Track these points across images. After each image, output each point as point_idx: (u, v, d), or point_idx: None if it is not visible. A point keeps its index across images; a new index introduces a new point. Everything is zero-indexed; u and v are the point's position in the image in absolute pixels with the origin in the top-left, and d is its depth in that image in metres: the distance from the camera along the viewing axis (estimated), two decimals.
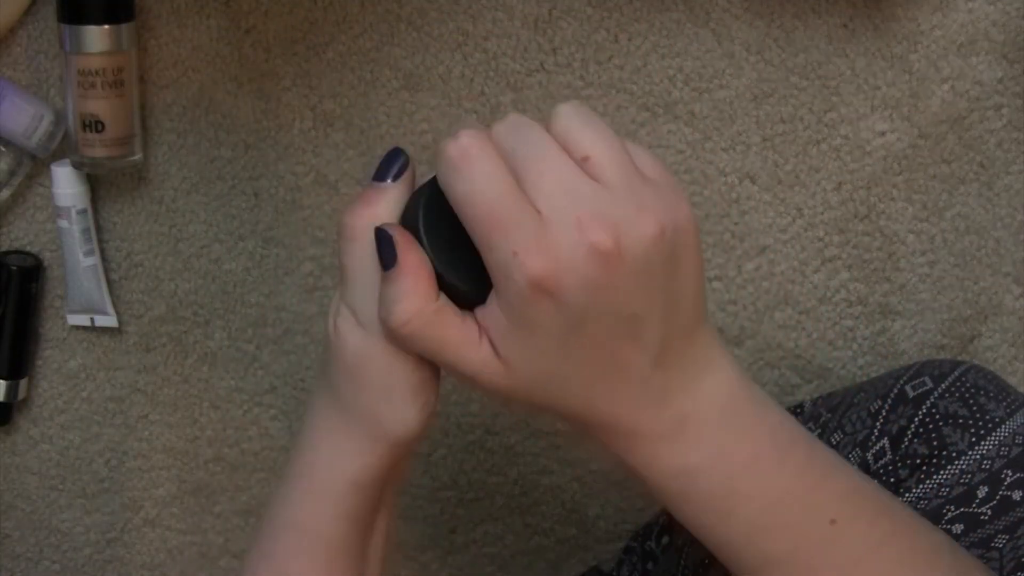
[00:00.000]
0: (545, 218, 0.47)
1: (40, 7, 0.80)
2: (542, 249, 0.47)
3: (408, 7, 0.81)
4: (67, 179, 0.82)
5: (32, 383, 0.90)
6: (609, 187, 0.48)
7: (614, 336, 0.49)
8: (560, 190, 0.47)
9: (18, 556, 0.95)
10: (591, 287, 0.47)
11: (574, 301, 0.47)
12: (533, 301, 0.47)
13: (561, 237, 0.47)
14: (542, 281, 0.47)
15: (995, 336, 0.87)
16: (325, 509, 0.58)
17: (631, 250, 0.47)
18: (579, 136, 0.49)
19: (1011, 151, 0.83)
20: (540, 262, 0.47)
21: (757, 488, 0.53)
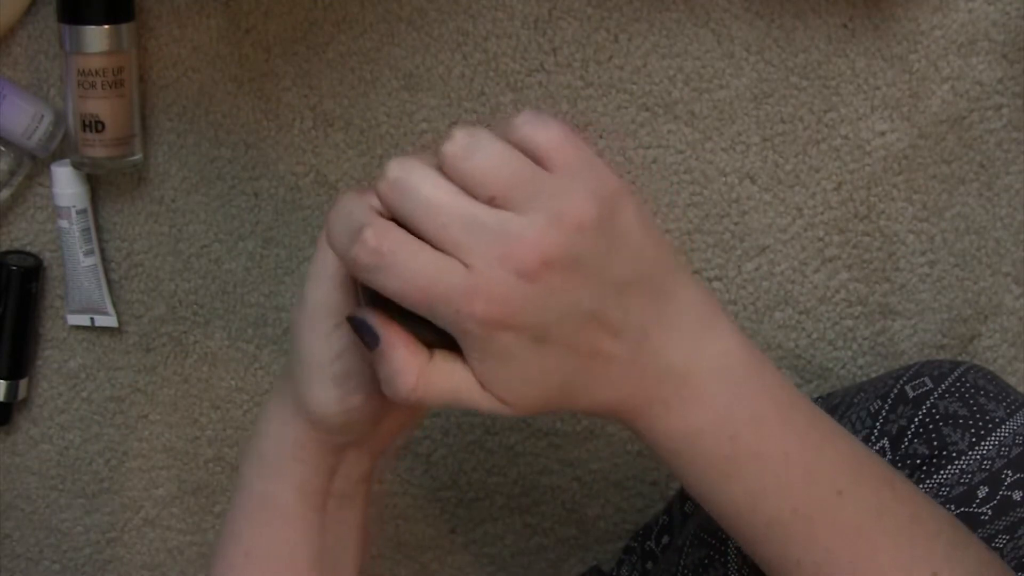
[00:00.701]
0: (470, 267, 0.48)
1: (40, 7, 0.80)
2: (478, 295, 0.48)
3: (408, 7, 0.81)
4: (67, 179, 0.82)
5: (32, 383, 0.90)
6: (517, 207, 0.48)
7: (583, 336, 0.50)
8: (468, 237, 0.48)
9: (18, 556, 0.95)
10: (535, 304, 0.49)
11: (527, 321, 0.49)
12: (492, 339, 0.49)
13: (489, 277, 0.48)
14: (490, 318, 0.48)
15: (995, 336, 0.87)
16: (268, 473, 0.60)
17: (557, 258, 0.48)
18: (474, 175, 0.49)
19: (1011, 151, 0.83)
20: (481, 306, 0.48)
21: (760, 449, 0.54)
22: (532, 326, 0.49)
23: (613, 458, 0.91)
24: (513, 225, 0.48)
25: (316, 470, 0.59)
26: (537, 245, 0.48)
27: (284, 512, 0.60)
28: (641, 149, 0.84)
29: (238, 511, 0.61)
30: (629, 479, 0.91)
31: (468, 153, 0.49)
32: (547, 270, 0.48)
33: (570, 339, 0.50)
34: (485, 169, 0.49)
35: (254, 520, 0.61)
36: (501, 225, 0.48)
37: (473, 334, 0.49)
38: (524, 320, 0.49)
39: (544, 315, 0.49)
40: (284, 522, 0.60)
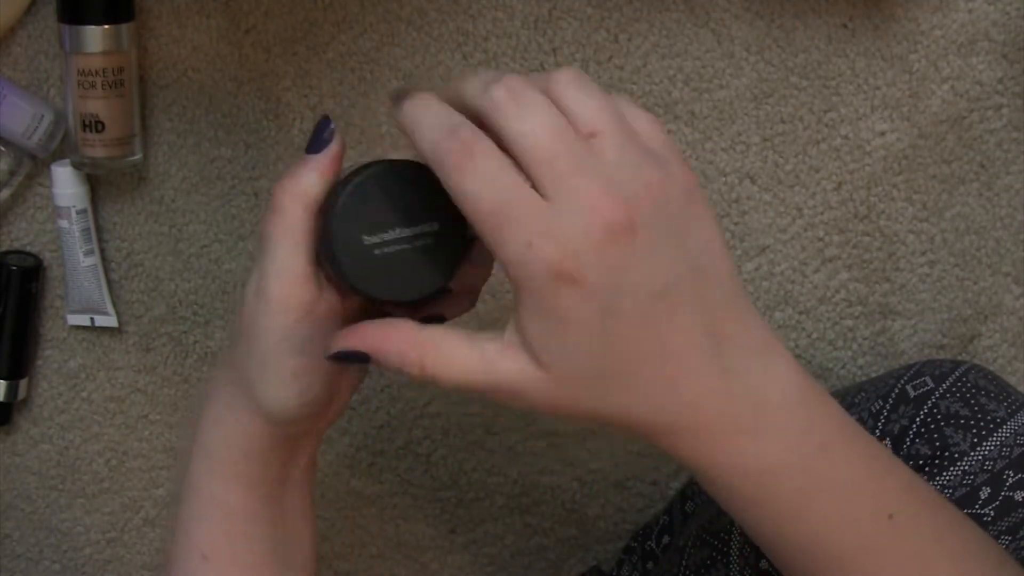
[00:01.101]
0: (554, 203, 0.46)
1: (40, 7, 0.80)
2: (556, 236, 0.45)
3: (408, 7, 0.81)
4: (67, 179, 0.82)
5: (32, 383, 0.90)
6: (614, 161, 0.47)
7: (651, 316, 0.47)
8: (566, 171, 0.46)
9: (18, 556, 0.95)
10: (612, 266, 0.46)
11: (599, 283, 0.46)
12: (557, 292, 0.46)
13: (573, 220, 0.45)
14: (562, 268, 0.45)
15: (995, 336, 0.87)
16: (216, 471, 0.58)
17: (644, 222, 0.46)
18: (582, 110, 0.47)
19: (1011, 151, 0.83)
20: (556, 249, 0.45)
21: (830, 481, 0.51)
22: (602, 290, 0.46)
23: (613, 458, 0.91)
24: (611, 177, 0.46)
25: (269, 464, 0.58)
26: (631, 202, 0.46)
27: (239, 510, 0.59)
28: None
29: (191, 514, 0.60)
30: (629, 479, 0.91)
31: (580, 84, 0.48)
32: (632, 233, 0.46)
33: (638, 318, 0.47)
34: (594, 104, 0.47)
35: (209, 522, 0.59)
36: (601, 170, 0.46)
37: (536, 282, 0.46)
38: (595, 280, 0.46)
39: (617, 281, 0.46)
40: (239, 520, 0.59)
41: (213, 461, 0.58)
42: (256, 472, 0.58)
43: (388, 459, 0.92)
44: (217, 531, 0.59)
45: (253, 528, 0.59)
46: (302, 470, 0.61)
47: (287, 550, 0.61)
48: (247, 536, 0.59)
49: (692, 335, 0.48)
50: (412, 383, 0.50)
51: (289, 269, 0.53)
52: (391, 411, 0.90)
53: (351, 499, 0.93)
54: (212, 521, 0.59)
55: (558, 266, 0.45)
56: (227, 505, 0.59)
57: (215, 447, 0.58)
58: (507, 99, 0.47)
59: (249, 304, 0.54)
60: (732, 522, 0.71)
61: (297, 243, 0.53)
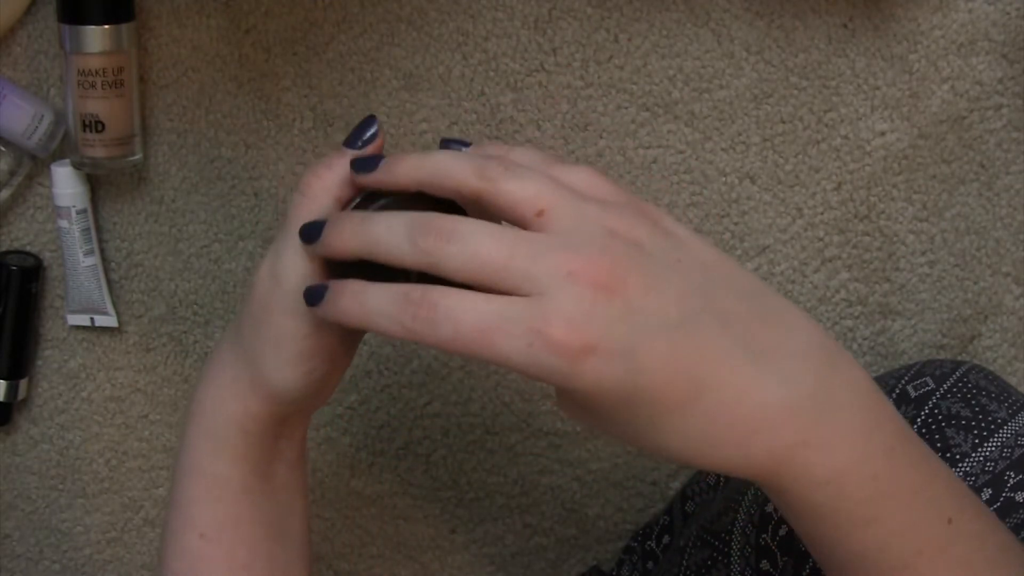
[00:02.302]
0: (532, 294, 0.45)
1: (40, 7, 0.80)
2: (551, 319, 0.45)
3: (408, 7, 0.81)
4: (67, 179, 0.82)
5: (32, 383, 0.90)
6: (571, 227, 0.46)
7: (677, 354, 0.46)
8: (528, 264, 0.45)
9: (18, 556, 0.95)
10: (617, 321, 0.45)
11: (613, 343, 0.45)
12: (579, 371, 0.45)
13: (559, 297, 0.45)
14: (571, 346, 0.45)
15: (995, 336, 0.87)
16: (217, 450, 0.59)
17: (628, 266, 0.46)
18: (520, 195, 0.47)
19: (1011, 151, 0.83)
20: (559, 330, 0.45)
21: (895, 487, 0.50)
22: (619, 349, 0.45)
23: (613, 458, 0.91)
24: (575, 237, 0.46)
25: (266, 442, 0.59)
26: (606, 253, 0.45)
27: (237, 489, 0.60)
28: (641, 149, 0.84)
29: (188, 494, 0.60)
30: (629, 479, 0.91)
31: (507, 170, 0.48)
32: (621, 280, 0.45)
33: (665, 361, 0.46)
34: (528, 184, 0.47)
35: (207, 501, 0.60)
36: (560, 243, 0.46)
37: (556, 369, 0.45)
38: (608, 343, 0.45)
39: (628, 333, 0.45)
40: (237, 499, 0.60)
41: (215, 441, 0.59)
42: (256, 450, 0.59)
43: (388, 459, 0.92)
44: (215, 509, 0.60)
45: (250, 505, 0.60)
46: (296, 447, 0.62)
47: (283, 525, 0.62)
48: (244, 513, 0.60)
49: (728, 357, 0.47)
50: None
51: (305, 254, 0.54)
52: (391, 411, 0.90)
53: (351, 499, 0.93)
54: (212, 500, 0.60)
55: (569, 343, 0.44)
56: (226, 482, 0.59)
57: (217, 427, 0.59)
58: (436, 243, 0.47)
59: (262, 284, 0.55)
60: (733, 522, 0.71)
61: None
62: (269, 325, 0.55)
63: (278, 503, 0.62)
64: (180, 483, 0.61)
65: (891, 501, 0.50)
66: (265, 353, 0.56)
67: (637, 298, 0.45)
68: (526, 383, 0.89)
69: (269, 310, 0.55)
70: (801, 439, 0.48)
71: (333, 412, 0.90)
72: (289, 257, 0.54)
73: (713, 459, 0.48)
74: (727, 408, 0.47)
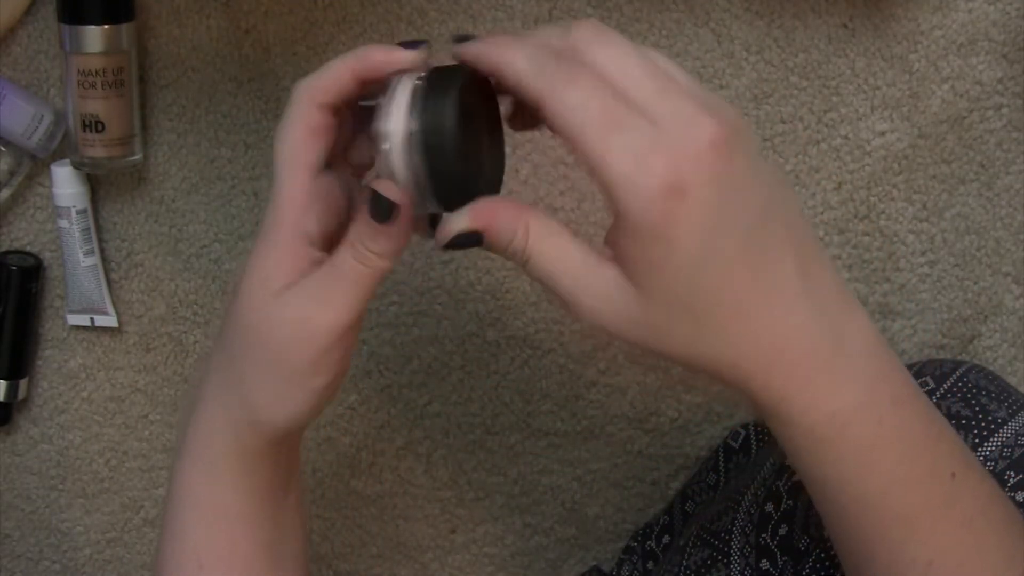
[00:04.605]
0: (656, 120, 0.46)
1: (40, 7, 0.80)
2: (663, 149, 0.45)
3: (408, 7, 0.81)
4: (67, 179, 0.82)
5: (32, 383, 0.90)
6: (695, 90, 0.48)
7: (750, 245, 0.47)
8: (661, 93, 0.46)
9: (18, 556, 0.95)
10: (717, 180, 0.45)
11: (706, 198, 0.45)
12: (665, 207, 0.45)
13: (679, 133, 0.45)
14: (672, 181, 0.45)
15: (995, 336, 0.87)
16: (224, 482, 0.58)
17: (735, 146, 0.46)
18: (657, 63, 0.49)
19: (1011, 151, 0.83)
20: (665, 162, 0.45)
21: (899, 435, 0.51)
22: (708, 206, 0.45)
23: (613, 458, 0.91)
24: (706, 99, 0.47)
25: (266, 468, 0.58)
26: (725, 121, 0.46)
27: (237, 515, 0.58)
28: None
29: (186, 521, 0.59)
30: (629, 479, 0.91)
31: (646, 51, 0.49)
32: (731, 149, 0.45)
33: (740, 238, 0.46)
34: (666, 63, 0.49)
35: (206, 528, 0.59)
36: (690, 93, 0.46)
37: (644, 198, 0.45)
38: (702, 194, 0.45)
39: (721, 198, 0.46)
40: (237, 525, 0.58)
41: (213, 470, 0.58)
42: (259, 477, 0.58)
43: (388, 459, 0.92)
44: (215, 536, 0.59)
45: (250, 530, 0.59)
46: (292, 464, 0.61)
47: (281, 547, 0.61)
48: (245, 539, 0.59)
49: (786, 270, 0.48)
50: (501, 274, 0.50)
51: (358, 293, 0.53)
52: (391, 411, 0.90)
53: (351, 499, 0.93)
54: (209, 526, 0.59)
55: (667, 179, 0.45)
56: (225, 509, 0.58)
57: (215, 458, 0.58)
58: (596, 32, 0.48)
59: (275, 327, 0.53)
60: (732, 522, 0.71)
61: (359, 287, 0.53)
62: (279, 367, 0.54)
63: (277, 525, 0.60)
64: (178, 507, 0.59)
65: (894, 448, 0.51)
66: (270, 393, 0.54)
67: (736, 174, 0.46)
68: (526, 383, 0.89)
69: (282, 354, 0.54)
70: (815, 374, 0.49)
71: (333, 412, 0.90)
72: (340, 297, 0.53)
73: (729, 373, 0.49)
74: (761, 317, 0.48)
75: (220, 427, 0.57)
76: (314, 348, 0.53)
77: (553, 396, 0.89)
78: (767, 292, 0.48)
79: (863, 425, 0.50)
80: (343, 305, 0.53)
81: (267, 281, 0.53)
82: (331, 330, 0.53)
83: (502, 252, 0.50)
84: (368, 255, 0.52)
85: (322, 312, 0.53)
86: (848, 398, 0.50)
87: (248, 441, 0.56)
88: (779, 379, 0.49)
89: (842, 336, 0.50)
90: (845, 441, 0.50)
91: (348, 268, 0.52)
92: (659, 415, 0.89)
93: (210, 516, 0.58)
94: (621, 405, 0.89)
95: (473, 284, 0.87)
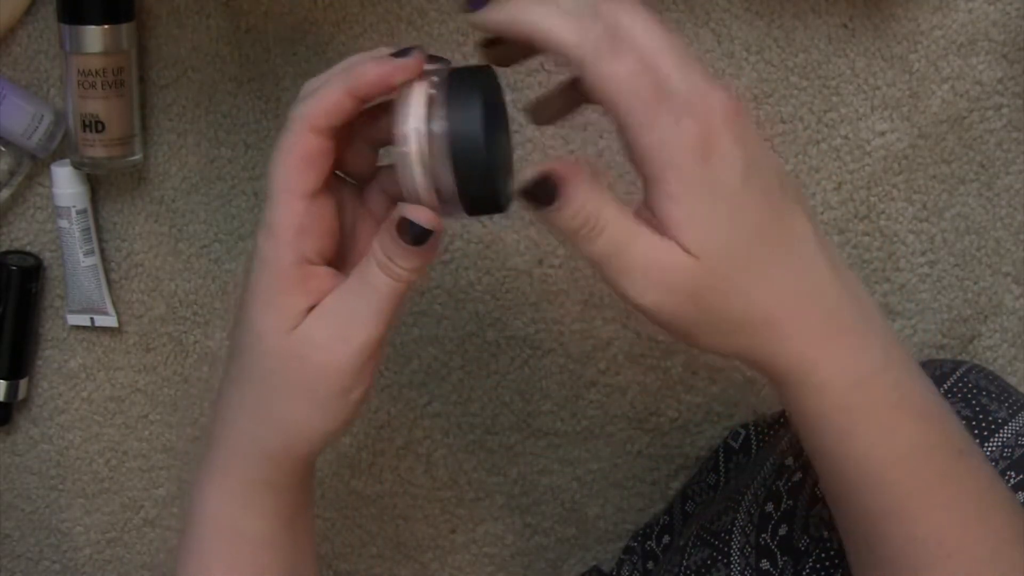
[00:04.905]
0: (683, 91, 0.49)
1: (40, 7, 0.80)
2: (695, 112, 0.49)
3: (408, 7, 0.81)
4: (67, 179, 0.82)
5: (32, 383, 0.90)
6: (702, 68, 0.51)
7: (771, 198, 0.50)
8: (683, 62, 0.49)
9: (18, 556, 0.95)
10: (741, 141, 0.49)
11: (734, 156, 0.49)
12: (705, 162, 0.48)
13: (703, 101, 0.49)
14: (706, 139, 0.48)
15: (995, 336, 0.87)
16: (243, 507, 0.57)
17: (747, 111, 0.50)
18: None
19: (1011, 151, 0.83)
20: (699, 124, 0.48)
21: (914, 405, 0.52)
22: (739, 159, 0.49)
23: (613, 458, 0.91)
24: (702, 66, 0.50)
25: (294, 492, 0.58)
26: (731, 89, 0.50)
27: (258, 540, 0.58)
28: None
29: (205, 546, 0.58)
30: (629, 479, 0.91)
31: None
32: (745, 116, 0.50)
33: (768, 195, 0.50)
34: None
35: (226, 554, 0.58)
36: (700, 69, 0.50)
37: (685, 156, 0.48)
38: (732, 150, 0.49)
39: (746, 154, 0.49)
40: (258, 549, 0.58)
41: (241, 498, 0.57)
42: (282, 502, 0.58)
43: (388, 459, 0.92)
44: (235, 561, 0.58)
45: (271, 554, 0.58)
46: (312, 487, 0.61)
47: (302, 568, 0.61)
48: (265, 564, 0.58)
49: (805, 231, 0.51)
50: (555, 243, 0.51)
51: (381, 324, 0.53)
52: (391, 411, 0.90)
53: (351, 499, 0.93)
54: (230, 551, 0.58)
55: (703, 138, 0.48)
56: (247, 534, 0.58)
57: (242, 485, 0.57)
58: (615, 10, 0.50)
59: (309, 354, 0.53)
60: (732, 522, 0.71)
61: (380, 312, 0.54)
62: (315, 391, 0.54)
63: (297, 547, 0.60)
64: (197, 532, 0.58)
65: (910, 416, 0.52)
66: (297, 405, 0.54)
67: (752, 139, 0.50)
68: (526, 383, 0.89)
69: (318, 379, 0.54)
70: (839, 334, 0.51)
71: None
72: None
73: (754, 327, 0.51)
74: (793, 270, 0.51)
75: (246, 453, 0.56)
76: (352, 366, 0.53)
77: (553, 396, 0.89)
78: (790, 251, 0.50)
79: (883, 389, 0.51)
80: (377, 321, 0.53)
81: (284, 312, 0.53)
82: (367, 346, 0.53)
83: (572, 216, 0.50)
84: (400, 272, 0.52)
85: (357, 331, 0.53)
86: (869, 360, 0.51)
87: (282, 467, 0.56)
88: (804, 338, 0.51)
89: (859, 299, 0.52)
90: (866, 406, 0.51)
91: (380, 284, 0.53)
92: (659, 415, 0.89)
93: (237, 542, 0.58)
94: (621, 405, 0.89)
95: (473, 284, 0.87)
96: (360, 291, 0.53)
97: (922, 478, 0.52)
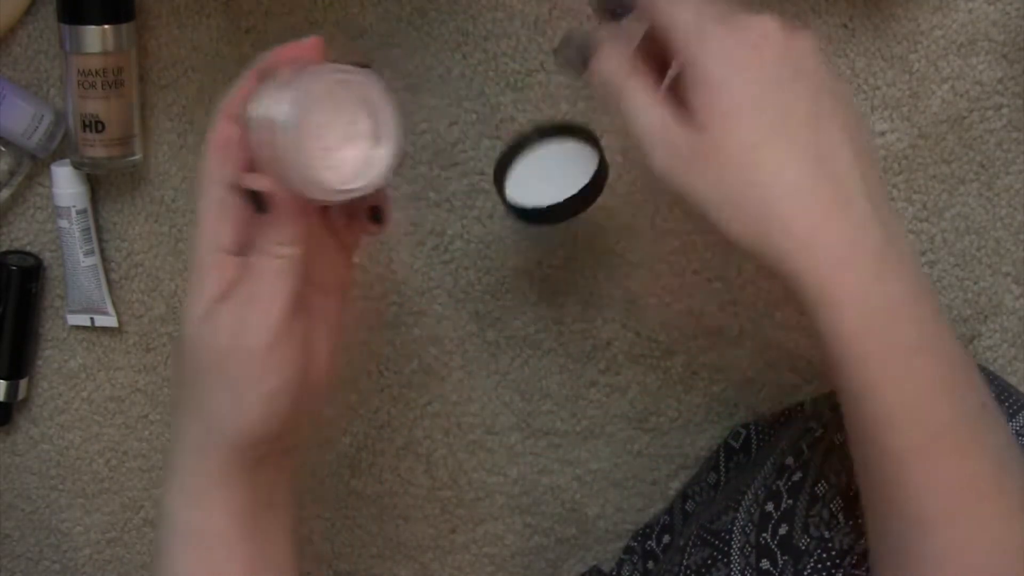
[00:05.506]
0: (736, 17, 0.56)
1: (40, 7, 0.80)
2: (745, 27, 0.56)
3: (408, 7, 0.81)
4: (67, 179, 0.82)
5: (32, 383, 0.90)
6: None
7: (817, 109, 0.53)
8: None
9: (18, 556, 0.95)
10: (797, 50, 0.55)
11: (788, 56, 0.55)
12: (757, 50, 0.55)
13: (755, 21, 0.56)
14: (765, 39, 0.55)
15: (995, 336, 0.87)
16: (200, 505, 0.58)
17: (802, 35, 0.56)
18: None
19: (1011, 151, 0.83)
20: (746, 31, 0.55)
21: (938, 345, 0.53)
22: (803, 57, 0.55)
23: (613, 458, 0.91)
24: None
25: (243, 488, 0.58)
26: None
27: (217, 538, 0.58)
28: None
29: (169, 546, 0.59)
30: (629, 479, 0.91)
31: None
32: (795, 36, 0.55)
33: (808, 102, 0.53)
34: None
35: (188, 552, 0.59)
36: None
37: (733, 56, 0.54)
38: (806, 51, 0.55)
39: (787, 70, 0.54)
40: (217, 547, 0.59)
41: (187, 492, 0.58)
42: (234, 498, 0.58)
43: (388, 459, 0.92)
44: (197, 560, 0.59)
45: (232, 552, 0.59)
46: (279, 491, 0.61)
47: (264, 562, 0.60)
48: (227, 561, 0.59)
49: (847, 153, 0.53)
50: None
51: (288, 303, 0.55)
52: (391, 411, 0.90)
53: (351, 499, 0.93)
54: (191, 550, 0.59)
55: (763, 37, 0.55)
56: (205, 532, 0.58)
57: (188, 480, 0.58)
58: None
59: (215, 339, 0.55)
60: (732, 521, 0.71)
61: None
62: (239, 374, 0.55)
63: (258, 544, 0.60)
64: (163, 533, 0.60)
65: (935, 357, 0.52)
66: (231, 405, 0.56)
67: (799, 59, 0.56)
68: (526, 383, 0.89)
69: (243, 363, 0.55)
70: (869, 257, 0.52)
71: (333, 412, 0.90)
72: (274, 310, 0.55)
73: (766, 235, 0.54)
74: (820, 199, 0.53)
75: (190, 449, 0.58)
76: (257, 349, 0.55)
77: (553, 396, 0.89)
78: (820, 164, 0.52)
79: (907, 325, 0.51)
80: (268, 301, 0.54)
81: (199, 299, 0.56)
82: (264, 327, 0.54)
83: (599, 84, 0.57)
84: (271, 247, 0.54)
85: (251, 312, 0.54)
86: (900, 286, 0.52)
87: (218, 460, 0.57)
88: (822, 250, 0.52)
89: (897, 238, 0.53)
90: (890, 337, 0.51)
91: (264, 265, 0.54)
92: (659, 415, 0.89)
93: (196, 541, 0.59)
94: (621, 405, 0.89)
95: (473, 284, 0.87)
96: (250, 275, 0.55)
97: (945, 422, 0.52)
